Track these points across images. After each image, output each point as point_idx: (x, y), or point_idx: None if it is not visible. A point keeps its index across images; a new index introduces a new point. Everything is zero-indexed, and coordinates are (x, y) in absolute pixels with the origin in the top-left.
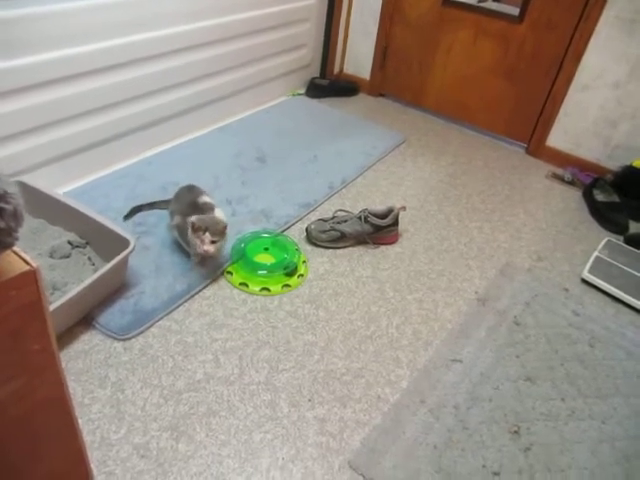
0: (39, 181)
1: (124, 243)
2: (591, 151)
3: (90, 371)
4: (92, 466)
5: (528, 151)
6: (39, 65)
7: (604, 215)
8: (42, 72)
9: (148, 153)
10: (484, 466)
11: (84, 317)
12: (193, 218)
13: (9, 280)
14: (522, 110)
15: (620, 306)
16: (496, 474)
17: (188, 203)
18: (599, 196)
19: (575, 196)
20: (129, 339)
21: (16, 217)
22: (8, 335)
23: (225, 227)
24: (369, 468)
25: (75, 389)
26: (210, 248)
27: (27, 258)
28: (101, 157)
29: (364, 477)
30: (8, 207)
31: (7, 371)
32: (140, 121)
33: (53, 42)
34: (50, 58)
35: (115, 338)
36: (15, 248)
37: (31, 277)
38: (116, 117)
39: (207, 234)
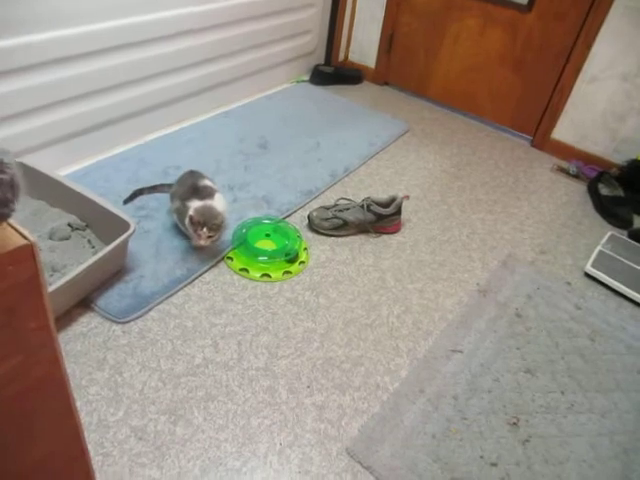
0: (39, 163)
1: (124, 226)
2: (597, 144)
3: (88, 353)
4: (89, 447)
5: (533, 143)
6: (42, 44)
7: (608, 209)
8: (44, 52)
9: (150, 137)
10: (482, 457)
11: (83, 300)
12: (192, 211)
13: (6, 254)
14: (528, 101)
15: (622, 300)
16: (494, 465)
17: (188, 187)
18: (604, 190)
19: (580, 190)
20: (128, 322)
21: (13, 188)
22: (3, 312)
23: (223, 221)
24: (367, 456)
25: (73, 371)
26: (206, 243)
27: (25, 232)
28: (102, 140)
29: (361, 464)
30: (4, 177)
31: (3, 349)
32: (143, 104)
33: (56, 21)
34: (53, 37)
35: (114, 321)
36: (12, 222)
37: (29, 252)
38: (118, 99)
39: (204, 229)
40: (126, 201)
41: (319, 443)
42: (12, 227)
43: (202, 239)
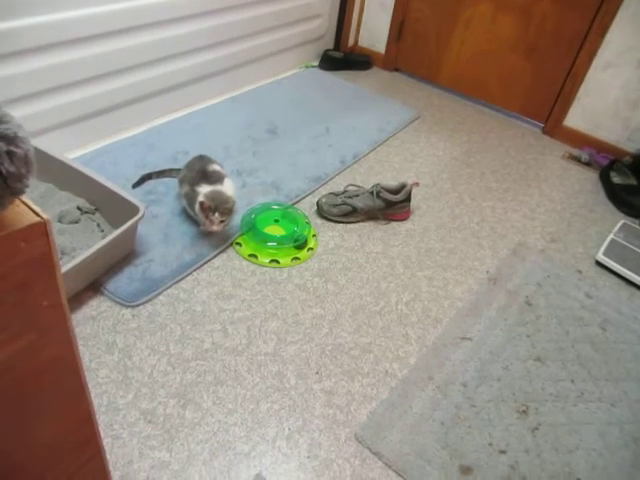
0: (48, 145)
1: (134, 210)
2: (610, 132)
3: (98, 336)
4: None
5: (545, 131)
6: (49, 26)
7: (620, 198)
8: (51, 34)
9: (158, 121)
10: (491, 444)
11: (93, 283)
12: (202, 197)
13: (18, 231)
14: (540, 88)
15: (634, 290)
16: (503, 452)
17: (197, 171)
18: (616, 178)
19: (591, 178)
20: (137, 306)
21: (27, 163)
22: (17, 289)
23: (234, 204)
24: (375, 441)
25: (82, 354)
26: (218, 228)
27: (37, 210)
28: (110, 124)
29: (370, 450)
30: (19, 151)
31: (16, 327)
32: (150, 88)
33: (64, 3)
34: (60, 19)
35: (123, 305)
36: (25, 199)
37: (41, 229)
38: (126, 83)
39: (216, 214)
40: (135, 185)
41: (328, 428)
42: (25, 204)
43: (214, 224)
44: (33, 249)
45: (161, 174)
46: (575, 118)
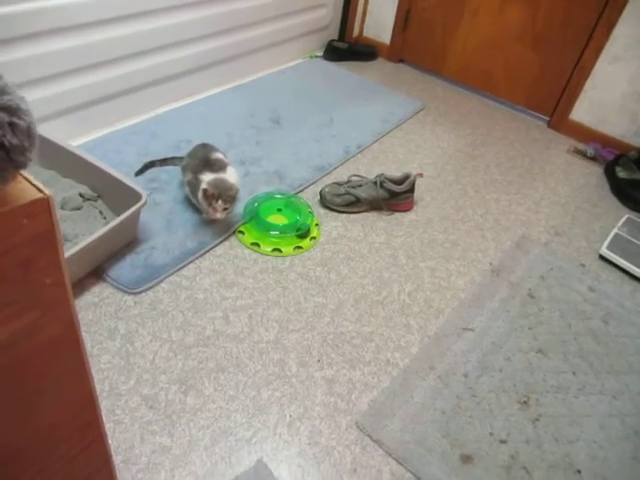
0: (50, 133)
1: (136, 197)
2: (616, 127)
3: (100, 322)
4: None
5: (550, 124)
6: (53, 11)
7: (625, 192)
8: (55, 19)
9: (161, 110)
10: (491, 433)
11: (95, 270)
12: (205, 185)
13: (21, 207)
14: (547, 81)
15: (637, 284)
16: (503, 442)
17: (200, 159)
18: (621, 173)
19: (596, 172)
20: (139, 293)
21: (30, 136)
22: (19, 266)
23: (237, 192)
24: (376, 429)
25: (84, 339)
26: (222, 216)
27: (40, 185)
28: (113, 112)
29: (371, 438)
30: (21, 123)
31: (18, 305)
32: (153, 76)
33: None
34: (65, 4)
35: (125, 292)
36: (27, 174)
37: (44, 205)
38: (129, 70)
39: (220, 202)
40: (137, 173)
41: (329, 416)
42: (28, 180)
43: (218, 212)
44: (36, 225)
45: (164, 162)
46: (581, 112)
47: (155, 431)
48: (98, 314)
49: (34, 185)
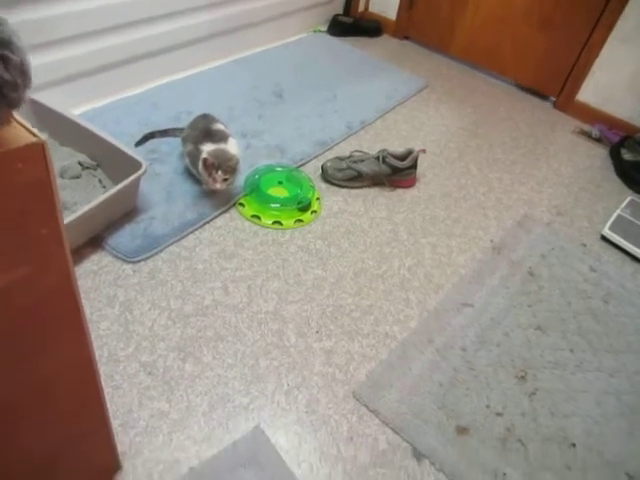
0: (49, 100)
1: (136, 166)
2: (623, 108)
3: (99, 290)
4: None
5: (556, 105)
6: None
7: (630, 175)
8: None
9: (162, 81)
10: (488, 406)
11: (94, 238)
12: (205, 154)
13: (15, 150)
14: (554, 61)
15: (639, 265)
16: (499, 414)
17: (201, 130)
18: (626, 155)
19: (601, 154)
20: (138, 262)
21: (23, 72)
22: (15, 214)
23: (237, 163)
24: (373, 400)
25: (83, 306)
26: (222, 186)
27: (35, 131)
28: (113, 81)
29: (367, 408)
30: (14, 57)
31: (14, 255)
32: (155, 46)
33: None
34: None
35: (124, 260)
36: (21, 119)
37: (39, 150)
38: (131, 39)
39: (219, 172)
40: (138, 144)
41: (326, 386)
42: (23, 126)
43: (217, 182)
44: (31, 171)
45: (164, 133)
46: (588, 93)
47: (153, 396)
48: (97, 282)
49: (29, 130)
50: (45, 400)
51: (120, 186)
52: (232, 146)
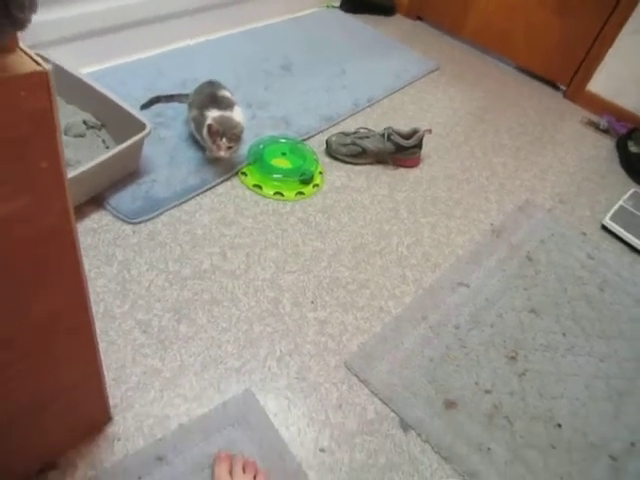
0: (56, 57)
1: (140, 128)
2: (633, 100)
3: (98, 248)
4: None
5: (566, 94)
6: None
7: (635, 167)
8: None
9: (170, 47)
10: (477, 383)
11: (96, 198)
12: (210, 120)
13: (19, 77)
14: (567, 49)
15: (637, 256)
16: (488, 392)
17: (207, 95)
18: (633, 147)
19: (608, 145)
20: (138, 224)
21: None
22: (17, 143)
23: (242, 131)
24: (364, 370)
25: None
26: (226, 154)
27: (39, 60)
28: (121, 43)
29: (358, 378)
30: None
31: (14, 185)
32: (165, 9)
33: None
34: None
35: (125, 221)
36: (25, 48)
37: (43, 79)
38: (139, 0)
39: (224, 140)
40: (143, 107)
41: (318, 354)
42: (27, 55)
43: (222, 149)
44: (33, 101)
45: (170, 98)
46: (599, 83)
47: (147, 354)
48: (96, 240)
49: (32, 58)
50: (38, 341)
51: (124, 145)
52: (237, 114)
